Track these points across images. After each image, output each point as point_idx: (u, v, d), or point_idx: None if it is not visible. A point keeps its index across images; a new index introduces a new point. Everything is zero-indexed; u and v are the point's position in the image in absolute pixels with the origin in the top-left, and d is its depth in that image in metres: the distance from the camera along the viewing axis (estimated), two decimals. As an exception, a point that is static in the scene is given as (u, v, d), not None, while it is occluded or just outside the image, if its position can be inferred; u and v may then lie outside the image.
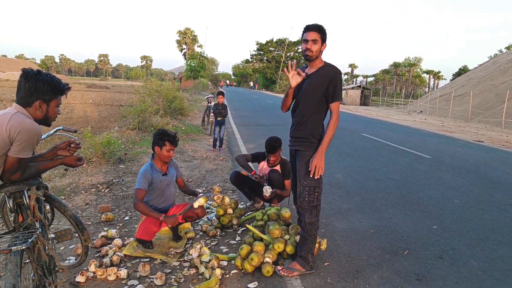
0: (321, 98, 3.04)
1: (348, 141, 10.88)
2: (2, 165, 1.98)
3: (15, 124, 1.92)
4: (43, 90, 2.07)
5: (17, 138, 1.92)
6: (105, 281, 3.00)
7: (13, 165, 1.98)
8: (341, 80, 3.06)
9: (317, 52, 3.00)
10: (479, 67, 40.15)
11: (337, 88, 3.00)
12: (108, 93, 38.44)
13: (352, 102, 44.21)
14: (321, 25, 3.02)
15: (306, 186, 3.06)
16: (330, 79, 2.99)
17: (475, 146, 11.58)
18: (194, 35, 74.85)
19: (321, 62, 3.10)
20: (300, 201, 3.13)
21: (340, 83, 3.03)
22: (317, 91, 3.02)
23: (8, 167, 1.98)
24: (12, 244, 1.83)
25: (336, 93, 3.00)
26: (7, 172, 1.99)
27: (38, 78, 2.05)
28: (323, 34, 3.00)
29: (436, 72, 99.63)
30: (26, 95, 2.05)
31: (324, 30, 3.01)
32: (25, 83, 2.04)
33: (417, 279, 3.14)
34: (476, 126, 20.61)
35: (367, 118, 22.44)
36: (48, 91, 2.09)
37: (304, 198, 3.09)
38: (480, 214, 4.85)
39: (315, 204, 3.09)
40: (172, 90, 15.32)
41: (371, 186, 6.00)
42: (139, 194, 3.46)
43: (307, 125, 3.09)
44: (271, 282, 3.06)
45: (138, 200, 3.44)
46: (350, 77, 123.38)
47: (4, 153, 1.95)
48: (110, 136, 7.45)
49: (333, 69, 3.04)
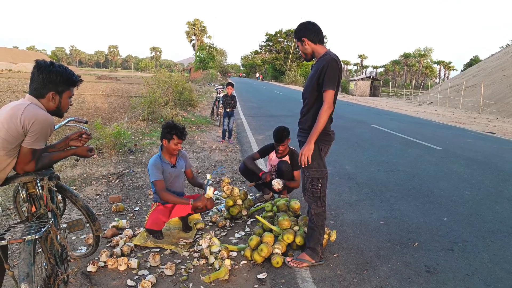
0: (317, 89, 2.97)
1: (357, 132, 10.81)
2: (16, 156, 2.00)
3: (29, 115, 1.93)
4: (56, 82, 2.08)
5: (31, 129, 1.94)
6: (116, 271, 3.03)
7: (27, 156, 2.00)
8: (333, 67, 2.88)
9: (307, 51, 3.05)
10: (490, 58, 39.46)
11: (326, 76, 2.86)
12: (118, 84, 38.61)
13: (362, 93, 43.85)
14: (296, 28, 3.09)
15: (309, 177, 3.06)
16: (321, 67, 2.90)
17: (486, 138, 11.43)
18: (203, 26, 74.75)
19: (321, 52, 3.03)
20: (305, 192, 3.13)
21: (330, 70, 2.86)
22: (313, 82, 2.98)
23: (22, 158, 2.00)
24: (25, 234, 1.86)
25: (326, 81, 2.87)
26: (21, 163, 2.02)
27: (51, 70, 2.06)
28: (297, 35, 3.06)
29: (447, 62, 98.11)
30: (39, 87, 2.06)
31: (296, 31, 3.08)
32: (38, 74, 2.05)
33: (427, 271, 3.13)
34: (487, 117, 20.33)
35: (377, 109, 22.26)
36: (61, 82, 2.10)
37: (308, 189, 3.08)
38: (492, 206, 4.80)
39: (320, 195, 3.08)
40: (182, 81, 15.34)
41: (381, 178, 5.96)
42: (160, 185, 3.47)
43: (308, 116, 3.07)
44: (281, 273, 3.07)
45: (162, 191, 3.45)
46: (360, 67, 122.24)
47: (18, 144, 1.97)
48: (120, 127, 7.48)
49: (326, 58, 2.94)
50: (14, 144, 1.94)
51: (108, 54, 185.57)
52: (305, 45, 3.01)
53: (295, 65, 70.88)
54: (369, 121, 14.19)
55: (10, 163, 1.98)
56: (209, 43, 58.99)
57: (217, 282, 2.91)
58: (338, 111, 15.53)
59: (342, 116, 15.14)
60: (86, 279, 2.88)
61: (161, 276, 2.97)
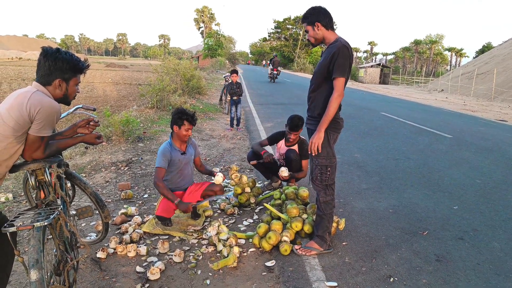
0: (327, 76, 2.91)
1: (367, 120, 10.71)
2: (23, 143, 2.00)
3: (34, 102, 1.93)
4: (63, 69, 2.07)
5: (37, 117, 1.93)
6: (125, 258, 3.06)
7: (34, 143, 2.00)
8: (344, 54, 2.82)
9: (317, 36, 2.96)
10: (503, 44, 38.57)
11: (337, 63, 2.80)
12: (127, 72, 38.64)
13: (371, 81, 43.39)
14: (306, 11, 3.00)
15: (318, 164, 3.03)
16: (332, 54, 2.84)
17: (498, 126, 11.26)
18: (212, 13, 74.26)
19: (332, 39, 2.96)
20: (313, 180, 3.11)
21: (341, 57, 2.80)
22: (322, 69, 2.92)
23: (30, 145, 2.00)
24: (35, 220, 1.87)
25: (335, 68, 2.81)
26: (29, 150, 2.02)
27: (58, 57, 2.05)
28: (307, 19, 2.97)
29: (458, 49, 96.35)
30: (46, 74, 2.05)
31: (307, 15, 2.97)
32: (44, 61, 2.03)
33: (437, 260, 3.10)
34: (499, 105, 20.00)
35: (387, 96, 22.02)
36: (67, 69, 2.09)
37: (316, 177, 3.06)
38: (503, 194, 4.74)
39: (329, 183, 3.06)
40: (190, 69, 15.28)
41: (391, 166, 5.91)
42: (159, 173, 3.51)
43: (316, 103, 3.01)
44: (289, 260, 3.07)
45: (158, 179, 3.49)
46: (370, 55, 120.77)
47: (25, 132, 1.97)
48: (129, 115, 7.49)
49: (336, 44, 2.87)
50: (20, 132, 1.94)
51: (117, 42, 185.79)
52: (317, 30, 2.93)
53: (304, 52, 70.25)
54: (379, 108, 14.05)
55: (18, 150, 1.99)
56: (218, 30, 58.65)
57: (226, 269, 2.92)
58: (347, 99, 15.40)
59: (351, 103, 14.99)
60: (96, 265, 2.91)
61: (169, 263, 2.99)
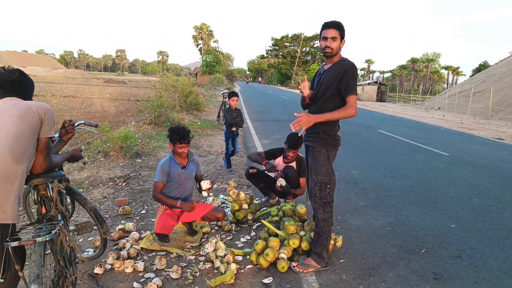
0: (334, 93, 2.99)
1: (364, 138, 10.78)
2: (34, 154, 2.04)
3: (37, 105, 2.04)
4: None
5: (45, 118, 2.04)
6: (123, 273, 3.05)
7: (46, 146, 2.06)
8: (354, 74, 2.95)
9: (337, 49, 3.00)
10: (500, 63, 39.09)
11: (350, 81, 2.91)
12: (125, 88, 38.83)
13: (369, 98, 43.68)
14: (340, 22, 3.01)
15: (317, 182, 3.06)
16: (343, 72, 2.93)
17: (495, 144, 11.35)
18: (210, 30, 75.00)
19: (339, 57, 3.07)
20: (312, 197, 3.12)
21: (352, 76, 2.92)
22: (330, 86, 2.99)
23: (41, 150, 2.05)
24: (36, 235, 1.88)
25: (349, 87, 2.91)
26: (41, 156, 2.06)
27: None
28: (342, 31, 3.00)
29: (455, 67, 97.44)
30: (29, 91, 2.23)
31: (342, 27, 3.00)
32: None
33: (434, 278, 3.11)
34: (496, 123, 20.16)
35: (384, 114, 22.19)
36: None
37: (315, 194, 3.08)
38: (500, 213, 4.76)
39: (327, 201, 3.08)
40: (188, 85, 15.40)
41: (388, 184, 5.94)
42: (157, 187, 3.59)
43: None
44: (286, 278, 3.07)
45: (156, 193, 3.59)
46: (367, 72, 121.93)
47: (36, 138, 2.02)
48: (127, 130, 7.53)
49: (346, 63, 2.99)
50: (36, 136, 2.01)
51: (116, 58, 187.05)
52: (341, 45, 3.03)
53: (302, 69, 70.93)
54: (376, 126, 14.15)
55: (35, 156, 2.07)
56: (216, 47, 59.17)
57: (223, 286, 2.91)
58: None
59: (349, 121, 15.02)
60: (93, 281, 2.90)
61: (167, 279, 2.98)
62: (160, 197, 3.59)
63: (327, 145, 3.02)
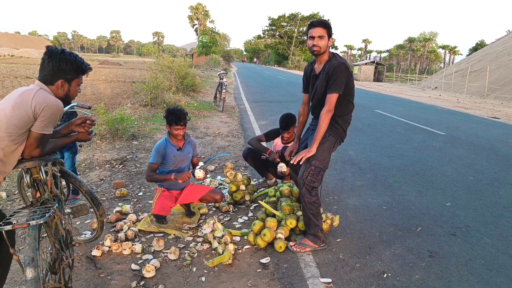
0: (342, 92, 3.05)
1: (361, 118, 10.76)
2: (25, 141, 2.00)
3: (40, 100, 1.94)
4: (66, 70, 2.07)
5: (41, 114, 1.95)
6: (121, 255, 3.06)
7: (36, 140, 2.01)
8: (343, 72, 2.95)
9: (325, 47, 3.02)
10: (496, 42, 38.86)
11: (336, 80, 2.94)
12: (121, 70, 38.43)
13: (366, 78, 43.51)
14: (326, 20, 3.05)
15: (313, 165, 3.05)
16: (331, 71, 2.97)
17: (490, 123, 11.36)
18: (206, 10, 73.86)
19: (327, 54, 3.09)
20: (301, 177, 3.11)
21: (341, 75, 2.94)
22: (324, 87, 3.05)
23: (31, 143, 2.01)
24: (30, 219, 1.87)
25: (333, 85, 2.94)
26: (29, 148, 2.02)
27: (62, 58, 2.06)
28: (329, 29, 3.02)
29: (452, 47, 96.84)
30: (49, 74, 2.06)
31: (329, 25, 3.03)
32: (48, 61, 2.04)
33: (429, 255, 3.14)
34: (492, 102, 20.16)
35: (381, 94, 22.12)
36: (70, 70, 2.10)
37: (306, 176, 3.07)
38: (495, 191, 4.80)
39: (315, 186, 3.09)
40: (184, 66, 15.24)
41: (384, 163, 5.95)
42: (150, 167, 3.58)
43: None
44: (284, 257, 3.09)
45: (150, 172, 3.59)
46: (364, 52, 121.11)
47: (27, 130, 1.97)
48: (123, 112, 7.47)
49: (335, 62, 3.01)
50: (23, 129, 1.95)
51: (110, 39, 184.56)
52: (329, 43, 3.04)
53: (299, 49, 70.32)
54: (373, 106, 14.12)
55: (18, 148, 1.99)
56: (212, 27, 58.38)
57: (221, 266, 2.93)
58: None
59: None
60: (91, 264, 2.91)
61: (165, 261, 3.00)
62: (152, 174, 3.58)
63: (337, 135, 3.13)
